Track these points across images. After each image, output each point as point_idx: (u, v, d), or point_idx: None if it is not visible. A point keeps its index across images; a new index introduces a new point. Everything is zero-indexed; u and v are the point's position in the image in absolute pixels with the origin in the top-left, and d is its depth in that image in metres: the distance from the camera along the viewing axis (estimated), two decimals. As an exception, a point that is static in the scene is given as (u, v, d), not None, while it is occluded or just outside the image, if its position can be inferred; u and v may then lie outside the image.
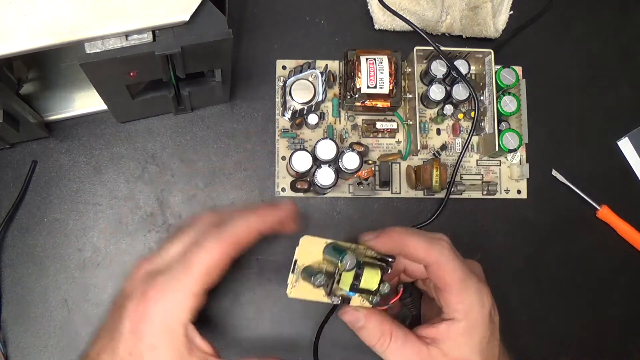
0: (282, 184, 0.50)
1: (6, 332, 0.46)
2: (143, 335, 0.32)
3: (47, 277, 0.47)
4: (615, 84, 0.55)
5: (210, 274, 0.33)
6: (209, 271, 0.33)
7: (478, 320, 0.38)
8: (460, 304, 0.37)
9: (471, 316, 0.37)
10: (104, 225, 0.48)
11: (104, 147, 0.49)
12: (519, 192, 0.52)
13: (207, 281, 0.33)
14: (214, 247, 0.33)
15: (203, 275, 0.33)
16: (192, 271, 0.33)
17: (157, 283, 0.33)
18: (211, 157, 0.50)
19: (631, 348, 0.52)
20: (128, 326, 0.33)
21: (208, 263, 0.33)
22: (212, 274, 0.33)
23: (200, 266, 0.33)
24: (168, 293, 0.33)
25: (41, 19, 0.34)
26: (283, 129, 0.51)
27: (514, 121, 0.52)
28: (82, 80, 0.46)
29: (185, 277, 0.33)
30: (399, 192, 0.51)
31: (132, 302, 0.33)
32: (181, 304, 0.32)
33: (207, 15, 0.37)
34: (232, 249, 0.34)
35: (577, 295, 0.52)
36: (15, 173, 0.48)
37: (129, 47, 0.36)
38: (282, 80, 0.51)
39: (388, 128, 0.51)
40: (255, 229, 0.34)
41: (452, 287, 0.37)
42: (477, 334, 0.38)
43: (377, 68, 0.48)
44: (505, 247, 0.52)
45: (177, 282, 0.33)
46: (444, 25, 0.53)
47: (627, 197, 0.54)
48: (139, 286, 0.34)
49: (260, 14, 0.52)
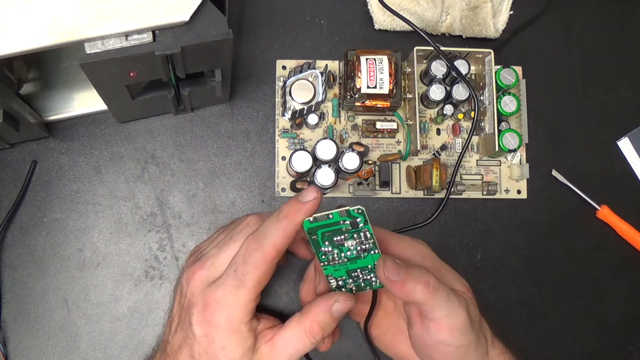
0: (282, 184, 0.50)
1: (6, 332, 0.46)
2: (214, 339, 0.37)
3: (47, 277, 0.47)
4: (615, 84, 0.55)
5: (260, 284, 0.37)
6: (260, 282, 0.37)
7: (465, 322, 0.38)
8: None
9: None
10: (104, 225, 0.48)
11: (104, 147, 0.49)
12: (519, 192, 0.52)
13: (258, 289, 0.37)
14: (259, 262, 0.37)
15: (255, 287, 0.37)
16: (245, 285, 0.37)
17: (216, 296, 0.37)
18: (211, 157, 0.50)
19: (631, 348, 0.52)
20: (199, 331, 0.37)
21: (257, 276, 0.37)
22: (262, 283, 0.37)
23: (252, 280, 0.37)
24: (227, 306, 0.37)
25: (41, 19, 0.34)
26: (283, 129, 0.51)
27: (514, 121, 0.52)
28: (82, 80, 0.46)
29: (241, 291, 0.37)
30: (399, 192, 0.51)
31: (197, 311, 0.37)
32: (241, 310, 0.37)
33: (207, 15, 0.37)
34: (274, 257, 0.37)
35: (577, 295, 0.52)
36: (15, 173, 0.48)
37: (129, 47, 0.36)
38: (282, 80, 0.51)
39: (388, 128, 0.51)
40: (290, 231, 0.37)
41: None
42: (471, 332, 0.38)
43: (377, 68, 0.48)
44: (505, 247, 0.52)
45: (234, 297, 0.37)
46: (444, 25, 0.53)
47: (627, 197, 0.54)
48: (200, 296, 0.38)
49: (260, 14, 0.52)
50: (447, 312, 0.36)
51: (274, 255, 0.37)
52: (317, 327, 0.38)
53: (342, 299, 0.38)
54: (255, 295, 0.37)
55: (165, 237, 0.49)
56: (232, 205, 0.50)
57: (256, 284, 0.37)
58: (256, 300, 0.37)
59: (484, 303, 0.50)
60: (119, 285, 0.48)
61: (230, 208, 0.50)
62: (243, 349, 0.37)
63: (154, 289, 0.48)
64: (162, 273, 0.48)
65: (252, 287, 0.37)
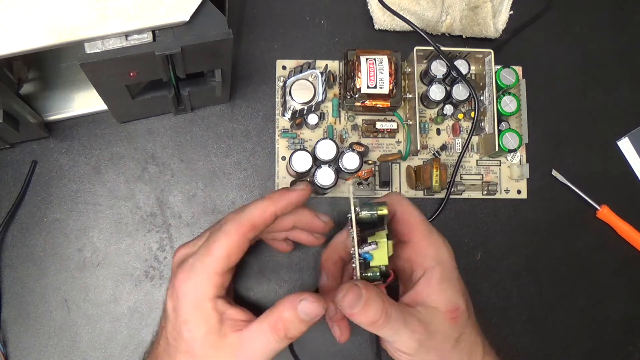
0: (282, 184, 0.50)
1: (6, 332, 0.46)
2: (179, 311, 0.36)
3: (47, 277, 0.47)
4: (615, 84, 0.55)
5: (229, 255, 0.36)
6: (228, 253, 0.36)
7: (449, 262, 0.39)
8: (430, 247, 0.39)
9: (443, 259, 0.39)
10: (104, 225, 0.48)
11: (104, 147, 0.49)
12: (519, 192, 0.52)
13: (227, 261, 0.36)
14: (231, 231, 0.37)
15: (223, 257, 0.36)
16: (213, 253, 0.36)
17: (186, 265, 0.37)
18: (211, 157, 0.50)
19: (631, 348, 0.52)
20: (170, 306, 0.37)
21: (227, 245, 0.36)
22: (231, 255, 0.37)
23: (221, 249, 0.36)
24: (194, 274, 0.36)
25: (41, 19, 0.34)
26: (283, 129, 0.51)
27: (514, 121, 0.52)
28: (82, 80, 0.46)
29: (208, 258, 0.36)
30: (399, 192, 0.51)
31: (170, 284, 0.37)
32: (206, 282, 0.36)
33: (207, 15, 0.37)
34: (248, 230, 0.37)
35: (577, 295, 0.52)
36: (15, 173, 0.48)
37: (128, 47, 0.36)
38: (282, 80, 0.51)
39: (388, 128, 0.51)
40: (270, 211, 0.37)
41: (419, 230, 0.40)
42: (454, 275, 0.39)
43: (377, 68, 0.48)
44: (505, 247, 0.52)
45: (201, 264, 0.36)
46: (444, 25, 0.53)
47: (627, 197, 0.54)
48: (174, 269, 0.38)
49: (260, 14, 0.52)
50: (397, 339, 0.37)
51: (247, 229, 0.37)
52: (281, 324, 0.36)
53: (311, 299, 0.36)
54: (221, 268, 0.36)
55: (165, 237, 0.49)
56: (232, 205, 0.50)
57: (224, 255, 0.36)
58: (223, 277, 0.37)
59: (484, 303, 0.51)
60: (119, 285, 0.48)
61: (230, 208, 0.50)
62: (206, 327, 0.36)
63: (154, 289, 0.48)
64: (162, 273, 0.48)
65: (220, 257, 0.36)
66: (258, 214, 0.37)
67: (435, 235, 0.40)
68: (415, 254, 0.40)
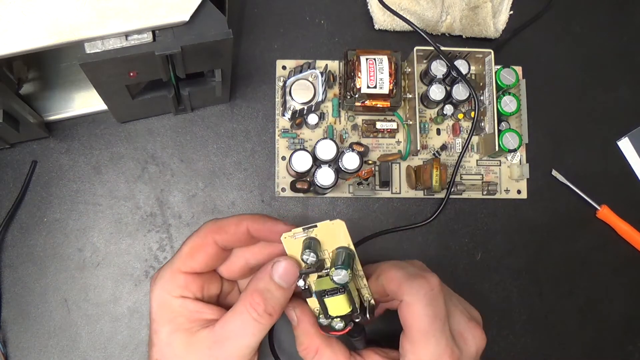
0: (282, 184, 0.50)
1: (6, 332, 0.46)
2: (150, 313, 0.36)
3: (47, 277, 0.47)
4: (615, 84, 0.55)
5: (192, 253, 0.36)
6: (192, 251, 0.36)
7: None
8: (412, 355, 0.34)
9: None
10: (104, 225, 0.48)
11: (104, 147, 0.49)
12: (519, 192, 0.52)
13: (190, 260, 0.36)
14: (200, 230, 0.37)
15: (187, 253, 0.36)
16: (180, 252, 0.36)
17: (160, 269, 0.37)
18: (211, 157, 0.50)
19: (631, 348, 0.52)
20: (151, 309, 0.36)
21: (192, 244, 0.36)
22: (194, 254, 0.36)
23: (186, 247, 0.36)
24: (160, 272, 0.36)
25: (41, 19, 0.34)
26: (283, 129, 0.51)
27: (514, 121, 0.52)
28: (82, 80, 0.46)
29: (174, 257, 0.36)
30: (399, 192, 0.51)
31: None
32: (170, 280, 0.36)
33: (207, 15, 0.37)
34: (216, 233, 0.36)
35: (577, 295, 0.52)
36: (15, 173, 0.48)
37: (128, 47, 0.36)
38: (282, 80, 0.51)
39: (388, 128, 0.51)
40: (244, 224, 0.36)
41: (411, 333, 0.34)
42: None
43: (377, 68, 0.48)
44: (505, 247, 0.52)
45: (168, 264, 0.36)
46: (444, 25, 0.53)
47: (627, 197, 0.54)
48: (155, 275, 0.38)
49: (260, 14, 0.52)
50: None
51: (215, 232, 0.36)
52: (257, 296, 0.33)
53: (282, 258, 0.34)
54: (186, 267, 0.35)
55: (165, 237, 0.49)
56: (232, 205, 0.50)
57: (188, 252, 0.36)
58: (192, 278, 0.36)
59: (484, 303, 0.51)
60: (119, 285, 0.48)
61: (230, 208, 0.50)
62: (171, 325, 0.34)
63: (154, 289, 0.48)
64: (162, 273, 0.48)
65: (184, 254, 0.36)
66: (231, 221, 0.36)
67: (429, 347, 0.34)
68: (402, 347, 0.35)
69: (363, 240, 0.50)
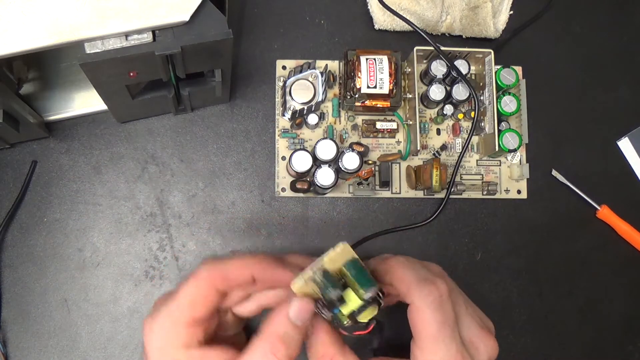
0: (282, 184, 0.50)
1: (6, 332, 0.46)
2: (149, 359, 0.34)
3: (47, 277, 0.47)
4: (615, 84, 0.55)
5: (194, 304, 0.33)
6: (193, 300, 0.33)
7: None
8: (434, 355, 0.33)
9: None
10: (104, 225, 0.48)
11: (104, 147, 0.49)
12: (519, 192, 0.52)
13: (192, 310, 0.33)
14: (201, 275, 0.34)
15: (187, 304, 0.33)
16: (178, 300, 0.33)
17: (155, 313, 0.34)
18: (211, 157, 0.50)
19: (631, 348, 0.52)
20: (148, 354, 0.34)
21: (193, 292, 0.34)
22: (196, 304, 0.33)
23: (185, 296, 0.33)
24: (158, 321, 0.34)
25: (41, 19, 0.34)
26: (283, 129, 0.51)
27: (514, 121, 0.52)
28: (82, 80, 0.46)
29: (173, 304, 0.33)
30: (399, 192, 0.51)
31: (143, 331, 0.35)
32: (171, 330, 0.33)
33: (207, 15, 0.37)
34: (219, 280, 0.34)
35: (577, 296, 0.52)
36: (15, 173, 0.48)
37: (128, 47, 0.36)
38: (282, 80, 0.51)
39: (388, 128, 0.51)
40: (248, 269, 0.34)
41: (420, 339, 0.34)
42: None
43: (377, 68, 0.48)
44: (505, 247, 0.52)
45: (166, 309, 0.34)
46: (444, 25, 0.53)
47: (627, 197, 0.54)
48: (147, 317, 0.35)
49: (260, 14, 0.52)
50: None
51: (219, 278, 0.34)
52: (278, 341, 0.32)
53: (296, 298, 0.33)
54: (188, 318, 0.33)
55: (165, 237, 0.49)
56: (232, 205, 0.50)
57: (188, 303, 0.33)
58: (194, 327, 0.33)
59: (484, 303, 0.51)
60: (119, 285, 0.48)
61: (230, 208, 0.50)
62: None
63: (154, 289, 0.48)
64: (162, 273, 0.48)
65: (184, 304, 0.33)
66: (235, 266, 0.34)
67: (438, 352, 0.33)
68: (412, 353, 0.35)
69: (363, 240, 0.50)
